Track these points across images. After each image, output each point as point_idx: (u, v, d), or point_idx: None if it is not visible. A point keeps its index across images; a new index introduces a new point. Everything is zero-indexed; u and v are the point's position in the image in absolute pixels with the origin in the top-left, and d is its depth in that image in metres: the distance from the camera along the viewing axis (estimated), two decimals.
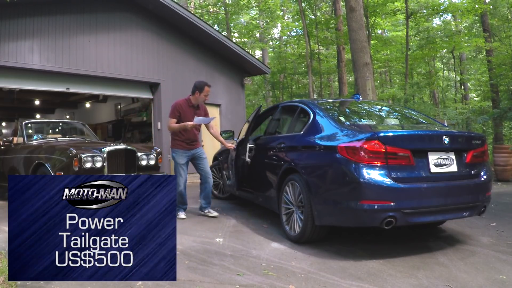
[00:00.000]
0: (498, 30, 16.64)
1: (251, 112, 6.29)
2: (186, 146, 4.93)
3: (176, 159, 4.94)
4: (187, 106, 4.90)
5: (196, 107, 4.97)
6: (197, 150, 5.03)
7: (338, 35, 14.88)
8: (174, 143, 4.97)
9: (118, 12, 8.56)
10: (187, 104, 4.91)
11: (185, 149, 4.93)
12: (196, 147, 5.03)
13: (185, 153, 4.94)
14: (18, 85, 7.33)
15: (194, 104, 4.94)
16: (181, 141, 4.91)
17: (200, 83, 4.90)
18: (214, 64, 10.47)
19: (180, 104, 4.89)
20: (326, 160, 3.53)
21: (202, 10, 22.33)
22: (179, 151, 4.92)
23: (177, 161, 4.91)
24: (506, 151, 8.56)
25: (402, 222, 3.24)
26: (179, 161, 4.90)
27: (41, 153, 5.55)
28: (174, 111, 4.87)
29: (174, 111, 4.87)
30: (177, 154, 4.93)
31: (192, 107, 4.93)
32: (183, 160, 4.92)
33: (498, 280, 2.88)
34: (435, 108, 14.37)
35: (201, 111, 5.05)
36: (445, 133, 3.49)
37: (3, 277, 2.78)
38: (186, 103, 4.92)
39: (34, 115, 14.00)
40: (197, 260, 3.31)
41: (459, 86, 20.80)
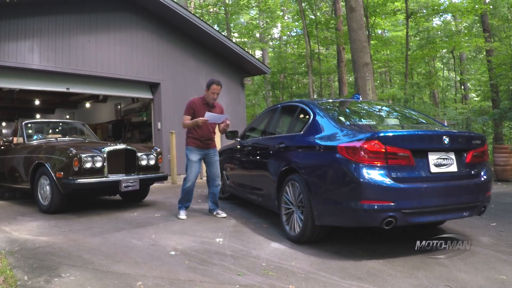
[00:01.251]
0: (498, 30, 16.65)
1: (251, 112, 6.27)
2: (200, 144, 4.92)
3: (188, 155, 4.95)
4: (201, 104, 4.91)
5: (211, 106, 4.96)
6: (210, 151, 5.01)
7: (338, 35, 14.89)
8: (188, 141, 5.01)
9: (118, 12, 8.56)
10: (201, 102, 4.93)
11: (198, 147, 4.93)
12: (210, 147, 5.01)
13: (198, 151, 4.94)
14: (18, 85, 7.34)
15: (208, 102, 4.93)
16: (194, 138, 4.92)
17: (209, 81, 4.92)
18: (214, 64, 10.47)
19: (194, 102, 4.93)
20: (326, 160, 3.53)
21: (202, 10, 22.34)
22: (192, 148, 4.93)
23: (189, 157, 4.91)
24: (506, 151, 8.56)
25: (402, 222, 3.24)
26: (191, 158, 4.90)
27: (41, 153, 5.55)
28: (188, 108, 4.90)
29: (188, 108, 4.90)
30: (190, 151, 4.94)
31: (206, 105, 4.92)
32: (195, 157, 4.91)
33: (498, 280, 2.88)
34: (435, 108, 14.38)
35: (217, 109, 5.02)
36: (445, 133, 3.49)
37: (3, 277, 2.78)
38: (201, 101, 4.95)
39: (34, 115, 14.01)
40: (197, 260, 3.31)
41: (459, 86, 20.82)
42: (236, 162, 5.60)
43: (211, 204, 5.16)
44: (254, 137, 5.36)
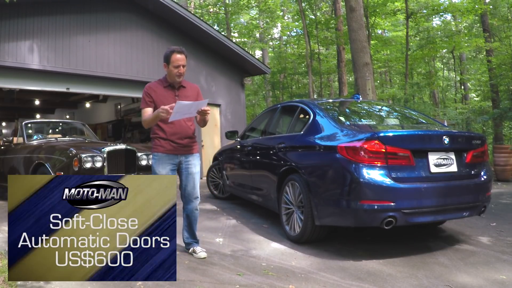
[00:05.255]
0: (498, 30, 16.63)
1: (251, 112, 6.26)
2: (171, 147, 3.29)
3: (154, 167, 3.32)
4: (162, 88, 3.35)
5: (177, 88, 3.37)
6: (188, 158, 3.36)
7: (338, 35, 14.89)
8: (153, 143, 3.38)
9: (118, 12, 8.56)
10: (161, 85, 3.37)
11: (169, 152, 3.30)
12: (189, 152, 3.36)
13: (168, 159, 3.30)
14: (18, 85, 7.33)
15: (172, 83, 3.36)
16: (163, 139, 3.30)
17: (166, 51, 3.32)
18: (214, 64, 10.47)
19: (151, 87, 3.36)
20: (326, 160, 3.53)
21: (202, 10, 22.33)
22: (160, 155, 3.30)
23: (156, 170, 3.29)
24: (506, 151, 8.56)
25: (402, 222, 3.24)
26: (159, 171, 3.28)
27: (41, 153, 5.55)
28: (145, 97, 3.33)
29: (145, 97, 3.33)
30: (157, 160, 3.31)
31: (170, 87, 3.36)
32: (164, 169, 3.28)
33: (498, 280, 2.88)
34: (435, 108, 14.38)
35: (189, 90, 3.42)
36: (445, 133, 3.49)
37: (3, 277, 2.78)
38: (161, 84, 3.39)
39: (34, 115, 14.01)
40: (197, 260, 3.30)
41: (459, 86, 20.80)
42: (236, 162, 5.59)
43: (187, 236, 3.48)
44: (254, 137, 5.35)
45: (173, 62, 3.25)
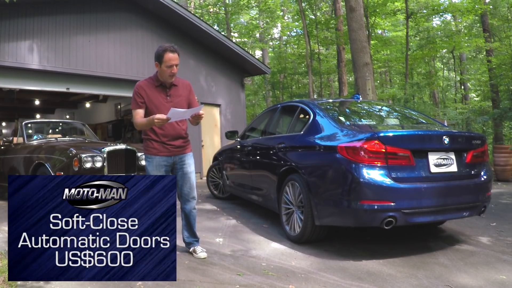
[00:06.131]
0: (498, 30, 16.63)
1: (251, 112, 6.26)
2: (164, 149, 3.25)
3: (149, 170, 3.28)
4: (153, 88, 3.24)
5: (170, 87, 3.28)
6: (182, 157, 3.33)
7: (338, 35, 14.89)
8: (145, 145, 3.33)
9: (118, 12, 8.56)
10: (152, 85, 3.26)
11: (163, 154, 3.26)
12: (182, 152, 3.33)
13: (161, 160, 3.26)
14: (18, 85, 7.33)
15: (164, 83, 3.26)
16: (156, 141, 3.25)
17: (158, 49, 3.18)
18: (214, 64, 10.47)
19: (142, 86, 3.25)
20: (326, 160, 3.53)
21: (202, 10, 22.33)
22: (152, 157, 3.27)
23: (151, 173, 3.26)
24: (506, 151, 8.56)
25: (402, 222, 3.24)
26: (154, 173, 3.23)
27: (41, 153, 5.55)
28: (136, 97, 3.23)
29: (136, 98, 3.23)
30: (150, 162, 3.28)
31: (161, 87, 3.26)
32: (159, 171, 3.25)
33: (498, 280, 2.88)
34: (435, 108, 14.39)
35: (180, 89, 3.32)
36: (445, 133, 3.49)
37: (3, 277, 2.78)
38: (152, 83, 3.27)
39: (34, 115, 14.01)
40: (197, 260, 3.31)
41: (459, 86, 20.80)
42: (236, 162, 5.60)
43: (187, 236, 3.47)
44: (254, 137, 5.35)
45: (165, 61, 3.14)
